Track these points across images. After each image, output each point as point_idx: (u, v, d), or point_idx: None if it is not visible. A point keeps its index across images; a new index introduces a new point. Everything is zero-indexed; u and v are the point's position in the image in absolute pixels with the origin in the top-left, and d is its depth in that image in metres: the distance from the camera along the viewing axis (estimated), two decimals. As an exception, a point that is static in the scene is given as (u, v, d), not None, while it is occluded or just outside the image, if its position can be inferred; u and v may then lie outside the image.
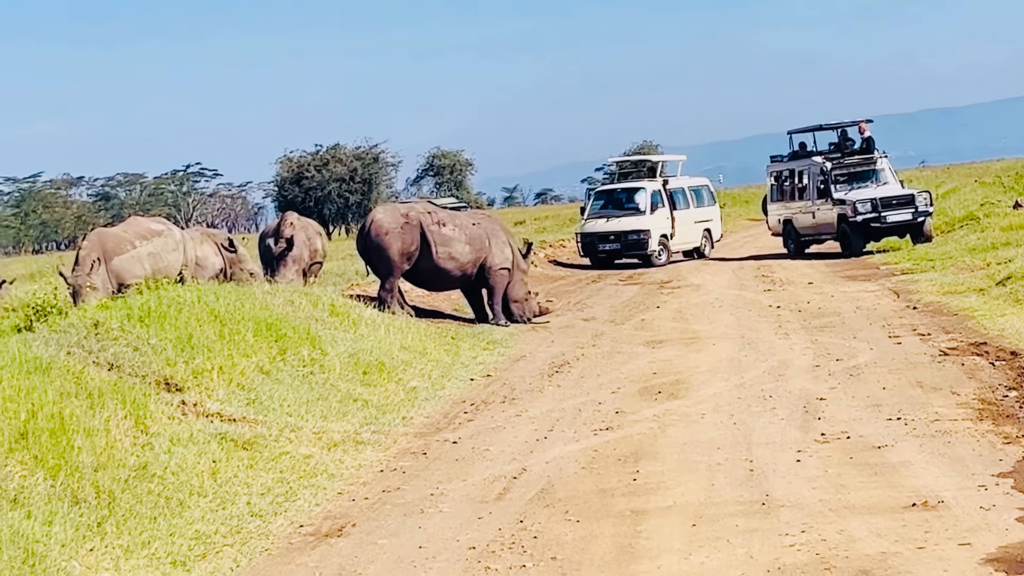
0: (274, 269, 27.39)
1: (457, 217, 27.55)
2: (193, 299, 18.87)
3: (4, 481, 11.33)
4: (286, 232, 28.10)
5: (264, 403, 16.31)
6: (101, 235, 24.58)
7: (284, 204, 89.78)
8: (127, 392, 14.61)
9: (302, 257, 28.18)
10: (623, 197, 42.98)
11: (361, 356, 19.54)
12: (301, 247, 28.16)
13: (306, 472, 13.78)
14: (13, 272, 42.09)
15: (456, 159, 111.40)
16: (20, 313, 21.64)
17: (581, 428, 15.59)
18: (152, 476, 12.72)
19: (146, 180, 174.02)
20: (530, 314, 26.80)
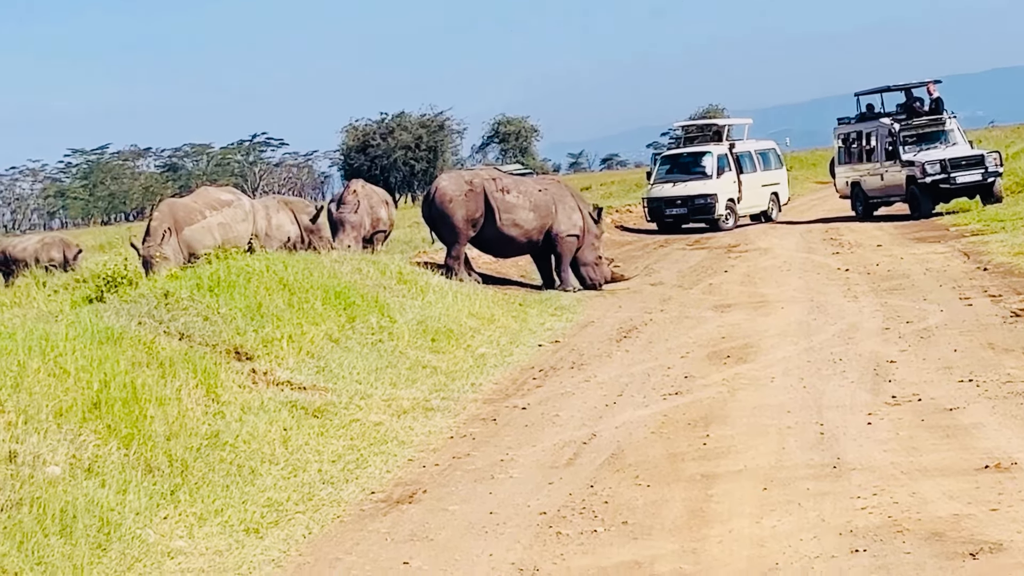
0: (334, 237, 27.51)
1: (522, 184, 27.47)
2: (262, 268, 18.96)
3: (79, 450, 11.43)
4: (348, 199, 28.20)
5: (334, 371, 16.38)
6: (172, 206, 24.74)
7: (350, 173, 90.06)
8: (198, 361, 14.72)
9: (362, 224, 28.22)
10: (689, 161, 42.79)
11: (429, 323, 19.58)
12: (363, 215, 28.22)
13: (376, 439, 13.83)
14: (83, 244, 42.43)
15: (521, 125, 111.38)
16: (91, 284, 21.83)
17: (650, 393, 15.56)
18: (224, 444, 12.81)
19: (213, 150, 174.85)
20: (601, 279, 26.67)
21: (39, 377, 12.44)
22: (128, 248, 24.91)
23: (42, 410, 11.80)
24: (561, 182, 29.10)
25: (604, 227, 27.74)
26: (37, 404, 11.87)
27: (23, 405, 11.77)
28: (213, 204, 24.50)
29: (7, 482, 10.42)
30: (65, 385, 12.47)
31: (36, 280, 30.62)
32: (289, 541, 10.73)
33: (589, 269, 26.60)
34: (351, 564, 10.05)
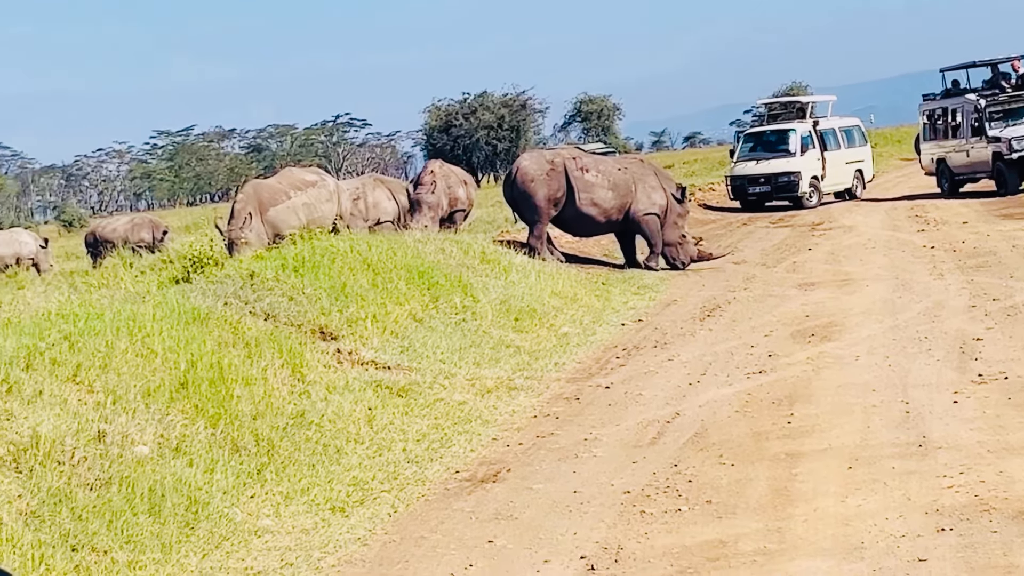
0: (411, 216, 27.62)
1: (603, 163, 27.38)
2: (346, 249, 19.07)
3: (167, 430, 11.56)
4: (425, 180, 28.30)
5: (418, 351, 16.45)
6: (257, 187, 24.90)
7: (432, 152, 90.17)
8: (283, 341, 14.84)
9: (440, 205, 28.31)
10: (773, 139, 42.49)
11: (512, 303, 19.61)
12: (440, 195, 28.31)
13: (460, 418, 13.89)
14: (169, 225, 42.80)
15: (603, 104, 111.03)
16: (178, 265, 22.03)
17: (734, 372, 15.53)
18: (309, 424, 12.91)
19: (296, 131, 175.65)
20: (685, 258, 26.51)
21: (127, 357, 12.59)
22: (213, 229, 25.09)
23: (130, 390, 11.94)
24: (645, 161, 28.89)
25: (689, 206, 27.51)
26: (125, 384, 12.02)
27: (112, 385, 11.93)
28: (297, 185, 24.64)
29: (96, 461, 10.56)
30: (153, 365, 12.62)
31: (124, 261, 30.92)
32: (374, 520, 10.80)
33: (673, 249, 26.50)
34: (436, 542, 10.11)
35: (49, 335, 12.62)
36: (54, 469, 10.20)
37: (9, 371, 11.44)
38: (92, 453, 10.64)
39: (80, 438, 10.75)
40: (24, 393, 11.23)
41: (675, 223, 26.57)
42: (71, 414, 11.14)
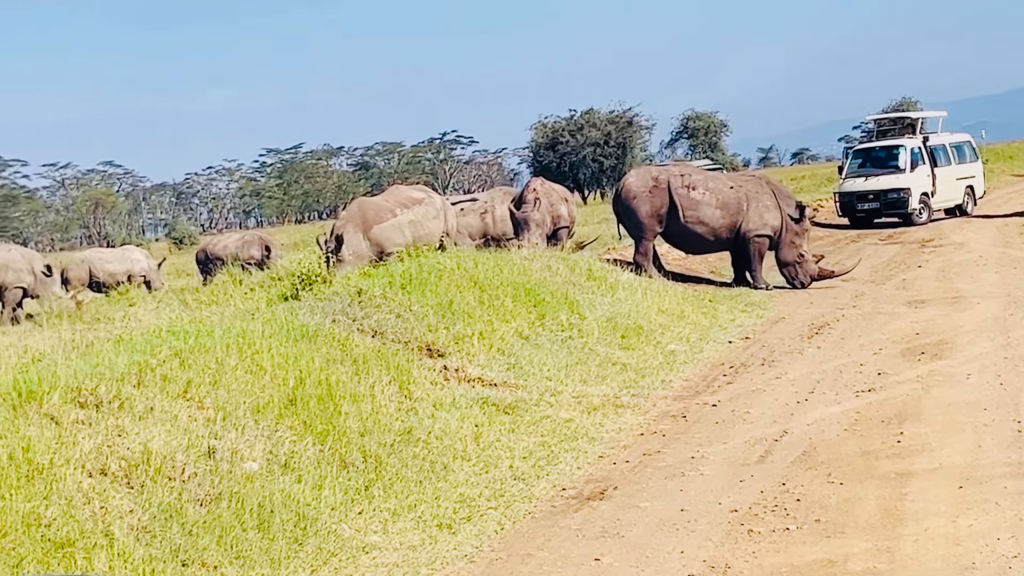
0: (518, 233, 27.67)
1: (713, 180, 27.21)
2: (453, 266, 19.14)
3: (276, 446, 11.66)
4: (529, 198, 28.36)
5: (524, 368, 16.47)
6: (361, 204, 25.06)
7: (539, 169, 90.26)
8: (391, 358, 14.91)
9: (545, 222, 28.38)
10: (882, 155, 42.13)
11: (619, 320, 19.59)
12: (544, 212, 28.37)
13: (567, 436, 13.88)
14: (278, 242, 43.16)
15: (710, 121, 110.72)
16: (286, 282, 22.21)
17: (843, 390, 15.41)
18: (417, 440, 12.96)
19: (403, 149, 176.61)
20: (805, 278, 26.18)
21: (237, 374, 12.71)
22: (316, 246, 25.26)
23: (240, 406, 12.06)
24: (763, 179, 28.20)
25: (808, 224, 27.03)
26: (235, 400, 12.14)
27: (221, 401, 12.05)
28: (404, 202, 24.77)
29: (206, 477, 10.67)
30: (262, 382, 12.73)
31: (233, 278, 31.22)
32: (481, 537, 10.82)
33: (790, 268, 26.18)
34: (543, 560, 10.11)
35: (160, 352, 12.76)
36: (165, 485, 10.32)
37: (121, 387, 11.59)
38: (202, 469, 10.75)
39: (190, 454, 10.87)
40: (135, 409, 11.37)
41: (791, 242, 26.24)
42: (182, 430, 11.27)
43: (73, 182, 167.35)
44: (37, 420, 10.62)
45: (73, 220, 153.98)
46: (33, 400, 10.84)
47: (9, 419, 10.41)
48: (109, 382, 11.58)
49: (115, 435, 10.75)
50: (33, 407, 10.77)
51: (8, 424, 10.32)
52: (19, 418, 10.51)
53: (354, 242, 23.35)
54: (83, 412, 11.02)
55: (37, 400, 10.86)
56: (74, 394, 11.22)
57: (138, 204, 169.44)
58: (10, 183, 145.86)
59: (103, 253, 41.53)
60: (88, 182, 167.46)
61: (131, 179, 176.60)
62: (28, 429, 10.33)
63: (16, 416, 10.52)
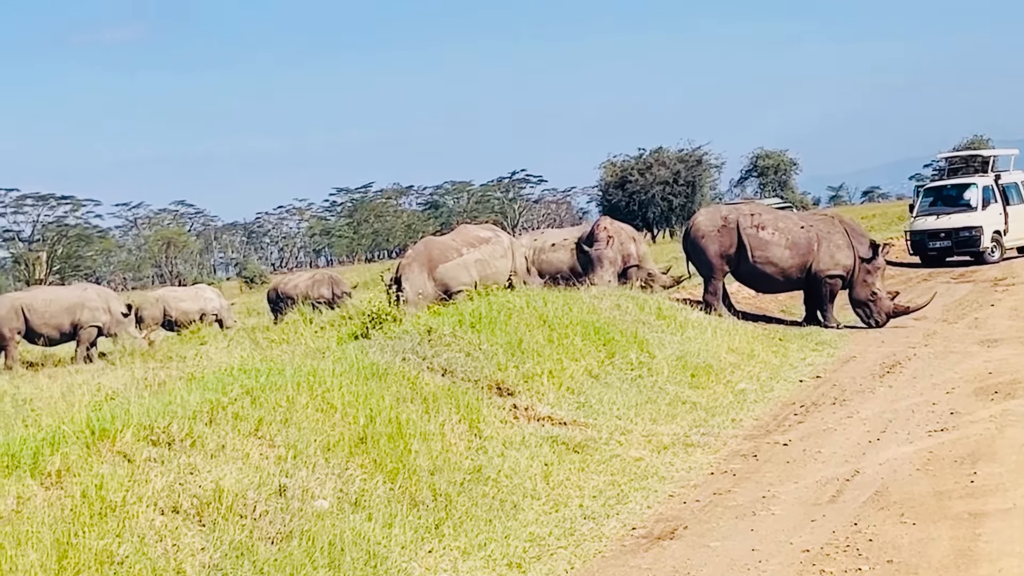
0: (590, 273, 27.70)
1: (783, 220, 27.04)
2: (522, 304, 19.15)
3: (346, 484, 11.69)
4: (601, 236, 28.40)
5: (594, 406, 16.46)
6: (427, 244, 25.19)
7: (608, 208, 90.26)
8: (460, 397, 14.94)
9: (616, 260, 28.42)
10: (953, 193, 41.90)
11: (689, 359, 19.54)
12: (616, 250, 28.42)
13: (637, 474, 13.85)
14: (347, 281, 43.36)
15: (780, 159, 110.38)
16: (356, 320, 22.30)
17: (915, 429, 15.29)
18: (486, 479, 12.96)
19: (473, 187, 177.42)
20: (880, 316, 25.99)
21: (307, 412, 12.76)
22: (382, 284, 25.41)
23: (311, 444, 12.10)
24: (836, 217, 27.84)
25: (883, 261, 26.75)
26: (306, 439, 12.18)
27: (292, 440, 12.10)
28: (471, 241, 24.84)
29: (277, 515, 10.71)
30: (332, 420, 12.78)
31: (304, 317, 31.38)
32: (551, 576, 10.80)
33: (864, 307, 25.93)
34: (613, 599, 10.07)
35: (232, 390, 12.83)
36: (236, 523, 10.36)
37: (193, 425, 11.66)
38: (273, 507, 10.79)
39: (261, 492, 10.92)
40: (207, 447, 11.43)
41: (864, 281, 25.99)
42: (253, 468, 11.32)
43: (145, 221, 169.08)
44: (110, 458, 10.70)
45: (145, 259, 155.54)
46: (106, 438, 10.93)
47: (83, 457, 10.50)
48: (181, 420, 11.66)
49: (187, 473, 10.82)
50: (106, 445, 10.85)
51: (82, 462, 10.40)
52: (92, 456, 10.59)
53: (418, 281, 23.45)
54: (155, 450, 11.10)
55: (110, 438, 10.94)
56: (147, 432, 11.30)
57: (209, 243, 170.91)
58: (83, 223, 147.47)
59: (177, 292, 41.96)
60: (160, 221, 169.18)
61: (202, 218, 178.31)
62: (101, 467, 10.41)
63: (89, 454, 10.61)
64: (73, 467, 10.28)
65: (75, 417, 11.59)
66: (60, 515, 9.58)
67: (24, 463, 10.16)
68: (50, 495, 9.86)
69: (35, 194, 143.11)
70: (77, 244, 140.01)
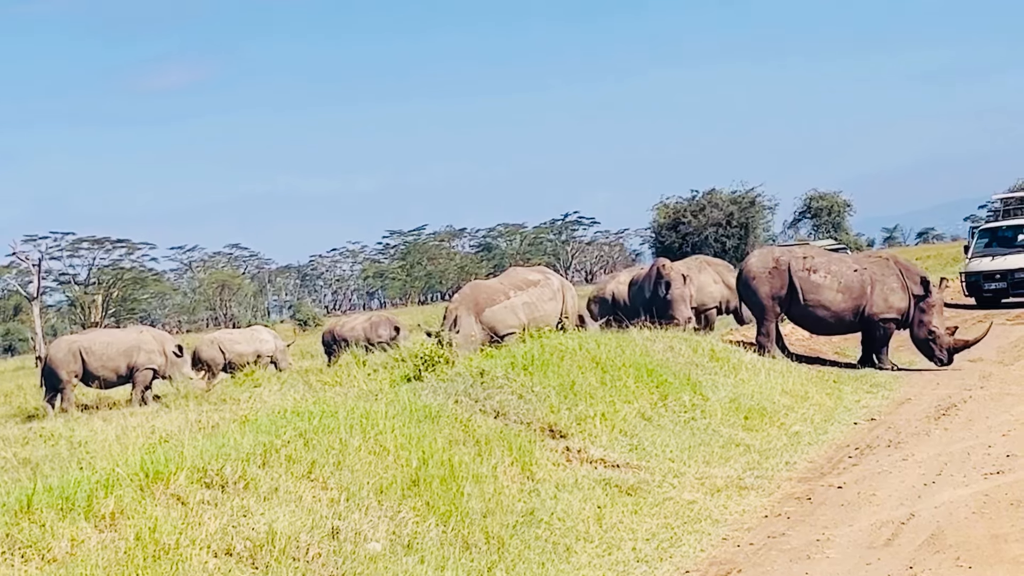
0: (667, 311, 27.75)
1: (836, 263, 26.91)
2: (575, 347, 19.16)
3: (399, 527, 11.69)
4: (676, 276, 28.49)
5: (646, 449, 16.43)
6: (474, 288, 25.25)
7: (661, 250, 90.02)
8: (513, 439, 14.94)
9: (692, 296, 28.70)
10: (1009, 234, 41.70)
11: (742, 401, 19.49)
12: (689, 287, 28.61)
13: (690, 517, 13.79)
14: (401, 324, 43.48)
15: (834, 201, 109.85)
16: (409, 363, 22.35)
17: (971, 472, 15.18)
18: (539, 521, 12.94)
19: (525, 230, 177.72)
20: (943, 354, 25.81)
21: (360, 455, 12.79)
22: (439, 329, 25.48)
23: (363, 487, 12.12)
24: (891, 259, 27.61)
25: (939, 297, 26.57)
26: (359, 481, 12.20)
27: (345, 482, 12.12)
28: (519, 284, 24.86)
29: (331, 558, 10.72)
30: (385, 462, 12.80)
31: (357, 359, 31.48)
32: (604, 619, 10.76)
33: (924, 347, 25.87)
34: (666, 643, 10.03)
35: (285, 432, 12.88)
36: (289, 565, 10.38)
37: (246, 468, 11.70)
38: (326, 549, 10.80)
39: (314, 534, 10.93)
40: (260, 490, 11.47)
41: (921, 321, 25.90)
42: (306, 510, 11.34)
43: (200, 264, 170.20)
44: (164, 500, 10.74)
45: (199, 302, 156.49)
46: (160, 480, 10.98)
47: (137, 499, 10.55)
48: (234, 462, 11.70)
49: (240, 515, 10.85)
50: (160, 487, 10.90)
51: (135, 504, 10.45)
52: (146, 498, 10.64)
53: (466, 324, 23.51)
54: (209, 492, 11.14)
55: (164, 480, 10.99)
56: (200, 474, 11.34)
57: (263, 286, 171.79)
58: (139, 266, 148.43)
59: (232, 334, 42.17)
60: (214, 264, 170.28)
61: (256, 261, 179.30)
62: (155, 509, 10.45)
63: (143, 496, 10.66)
64: (127, 509, 10.33)
65: (129, 460, 11.64)
66: (114, 558, 9.62)
67: (78, 505, 10.21)
68: (104, 538, 9.91)
69: (91, 237, 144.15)
70: (132, 287, 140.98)
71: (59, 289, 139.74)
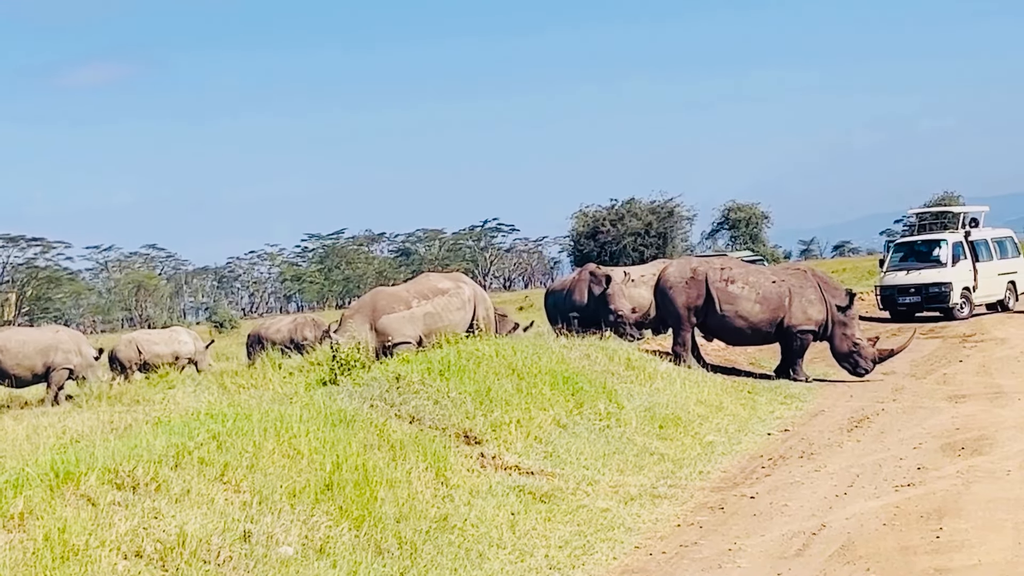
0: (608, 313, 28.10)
1: (754, 274, 27.06)
2: (491, 353, 19.15)
3: (311, 531, 11.64)
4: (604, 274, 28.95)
5: (561, 456, 16.44)
6: (375, 295, 25.01)
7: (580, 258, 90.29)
8: (428, 444, 14.91)
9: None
10: (924, 249, 42.10)
11: (657, 410, 19.55)
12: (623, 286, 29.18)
13: (603, 525, 13.82)
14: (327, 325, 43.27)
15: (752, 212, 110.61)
16: (325, 367, 22.25)
17: (882, 484, 15.31)
18: (452, 527, 12.93)
19: (444, 236, 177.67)
20: (867, 365, 26.14)
21: (274, 458, 12.73)
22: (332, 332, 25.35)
23: (276, 491, 12.06)
24: (808, 271, 27.85)
25: (856, 310, 26.87)
26: (272, 485, 12.14)
27: (258, 486, 12.05)
28: (425, 293, 24.60)
29: (242, 561, 10.65)
30: (299, 466, 12.74)
31: (272, 362, 31.32)
32: (515, 626, 10.76)
33: (849, 359, 26.12)
34: (577, 651, 10.03)
35: (198, 435, 12.80)
36: (200, 568, 10.30)
37: (158, 469, 11.61)
38: (238, 553, 10.74)
39: (226, 538, 10.86)
40: (172, 492, 11.38)
41: (844, 334, 26.12)
42: (218, 514, 11.27)
43: (116, 265, 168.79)
44: (74, 501, 10.64)
45: (115, 302, 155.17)
46: (70, 481, 10.87)
47: (46, 500, 10.44)
48: (146, 464, 11.61)
49: (151, 517, 10.76)
50: (70, 488, 10.79)
51: (45, 505, 10.34)
52: (56, 499, 10.53)
53: (359, 331, 23.30)
54: (120, 494, 11.05)
55: (74, 481, 10.89)
56: (111, 475, 11.25)
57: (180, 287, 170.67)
58: (54, 265, 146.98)
59: (151, 335, 41.73)
60: (131, 265, 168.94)
61: (173, 262, 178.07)
62: (65, 510, 10.35)
63: (53, 497, 10.55)
64: (36, 510, 10.22)
65: (39, 460, 11.53)
66: (22, 558, 9.52)
67: (-13, 505, 10.09)
68: (12, 538, 9.80)
69: (5, 235, 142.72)
70: (47, 286, 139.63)
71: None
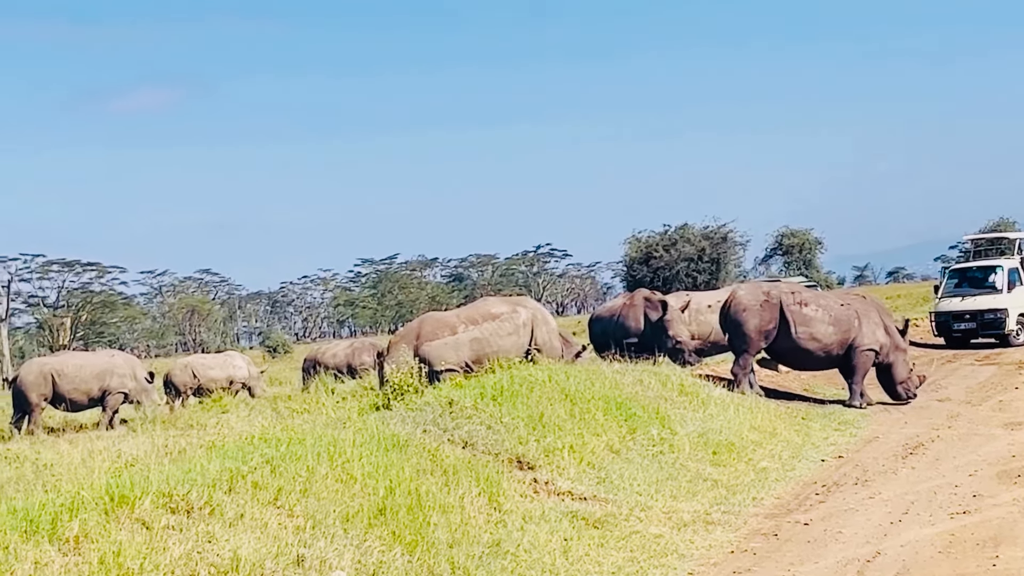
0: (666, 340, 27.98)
1: (823, 298, 27.43)
2: (544, 379, 19.14)
3: (364, 556, 11.64)
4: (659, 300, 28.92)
5: (614, 482, 16.40)
6: (423, 321, 25.01)
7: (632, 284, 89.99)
8: (481, 470, 14.90)
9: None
10: (979, 275, 41.84)
11: (710, 436, 19.49)
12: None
13: (656, 552, 13.76)
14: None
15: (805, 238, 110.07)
16: (378, 391, 22.27)
17: (937, 511, 15.20)
18: (505, 553, 12.90)
19: (497, 261, 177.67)
20: (915, 391, 26.67)
21: (327, 483, 12.74)
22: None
23: (329, 515, 12.07)
24: (868, 297, 28.43)
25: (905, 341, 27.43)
26: (325, 509, 12.16)
27: (311, 510, 12.07)
28: (475, 318, 24.54)
29: (295, 585, 10.66)
30: (352, 491, 12.75)
31: (326, 387, 31.38)
32: (568, 652, 10.73)
33: (905, 384, 26.61)
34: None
35: (252, 459, 12.83)
36: (253, 592, 10.32)
37: (212, 493, 11.65)
38: (290, 577, 10.74)
39: (279, 562, 10.88)
40: (226, 516, 11.41)
41: (904, 360, 26.72)
42: (271, 538, 11.29)
43: (170, 289, 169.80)
44: (128, 525, 10.68)
45: (169, 327, 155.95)
46: (125, 504, 10.92)
47: (101, 523, 10.49)
48: (200, 488, 11.65)
49: (205, 541, 10.79)
50: (125, 511, 10.84)
51: (100, 528, 10.39)
52: (111, 523, 10.58)
53: (403, 359, 23.27)
54: (174, 517, 11.08)
55: (129, 505, 10.93)
56: (165, 499, 11.29)
57: (233, 312, 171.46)
58: (108, 289, 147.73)
59: (205, 359, 41.90)
60: (184, 289, 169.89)
61: (227, 287, 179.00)
62: (119, 534, 10.39)
63: (108, 520, 10.60)
64: (91, 533, 10.27)
65: (95, 483, 11.58)
66: (77, 581, 9.55)
67: (43, 528, 10.16)
68: (67, 561, 9.85)
69: (61, 260, 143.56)
70: (101, 310, 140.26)
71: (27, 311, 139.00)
